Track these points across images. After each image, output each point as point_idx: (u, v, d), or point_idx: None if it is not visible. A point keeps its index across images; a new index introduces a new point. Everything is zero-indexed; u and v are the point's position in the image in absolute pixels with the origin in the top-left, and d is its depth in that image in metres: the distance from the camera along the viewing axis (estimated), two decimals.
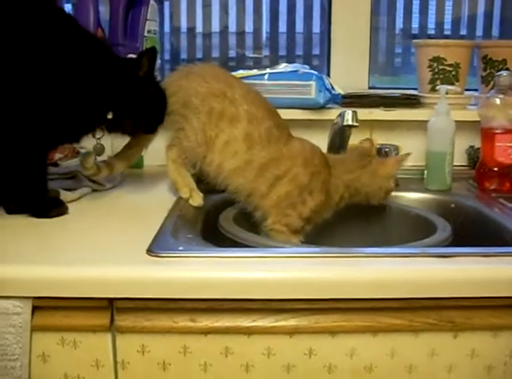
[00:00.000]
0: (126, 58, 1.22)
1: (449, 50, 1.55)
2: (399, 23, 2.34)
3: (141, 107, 1.15)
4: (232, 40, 2.23)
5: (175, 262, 0.90)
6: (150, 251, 0.92)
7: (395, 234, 1.24)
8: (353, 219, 1.30)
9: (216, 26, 2.20)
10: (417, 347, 0.91)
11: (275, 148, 1.18)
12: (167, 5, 2.18)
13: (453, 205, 1.31)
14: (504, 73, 1.34)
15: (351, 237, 1.30)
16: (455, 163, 1.43)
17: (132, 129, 1.19)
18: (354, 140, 1.43)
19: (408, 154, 1.27)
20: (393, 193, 1.34)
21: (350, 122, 1.24)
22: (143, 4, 1.48)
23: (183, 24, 2.17)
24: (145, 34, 1.49)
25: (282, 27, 2.28)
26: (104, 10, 1.44)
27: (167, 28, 2.21)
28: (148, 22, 1.49)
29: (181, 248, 0.94)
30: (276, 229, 1.17)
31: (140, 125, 1.18)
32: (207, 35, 2.15)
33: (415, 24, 2.38)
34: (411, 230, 1.21)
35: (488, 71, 1.57)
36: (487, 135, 1.35)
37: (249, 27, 2.20)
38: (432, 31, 2.44)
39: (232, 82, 1.24)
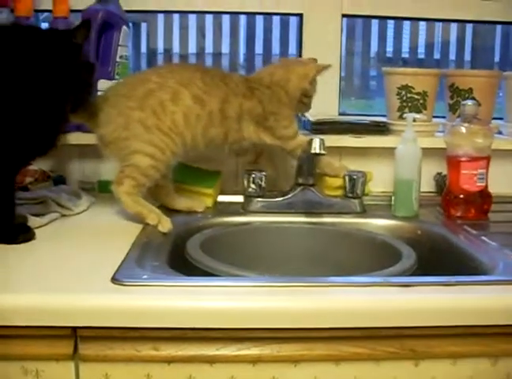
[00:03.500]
0: (62, 31, 1.17)
1: (417, 79, 1.58)
2: (374, 47, 2.38)
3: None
4: (209, 61, 2.26)
5: (138, 291, 0.90)
6: (114, 279, 0.92)
7: (361, 261, 1.25)
8: (319, 245, 1.31)
9: (193, 47, 2.23)
10: (379, 375, 0.92)
11: (218, 90, 1.30)
12: (144, 26, 2.20)
13: (419, 232, 1.33)
14: (469, 102, 1.36)
15: (316, 264, 1.31)
16: (423, 190, 1.45)
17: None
18: None
19: (329, 65, 1.39)
20: (361, 220, 1.37)
21: (317, 151, 1.26)
22: (115, 29, 1.49)
23: (160, 45, 2.19)
24: (117, 59, 1.49)
25: (258, 48, 2.31)
26: None
27: (144, 49, 2.22)
28: (119, 47, 1.50)
29: (145, 276, 0.94)
30: None
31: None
32: (184, 57, 2.17)
33: (389, 48, 2.43)
34: (377, 257, 1.22)
35: (455, 99, 1.60)
36: (453, 163, 1.38)
37: (225, 48, 2.23)
38: (406, 55, 2.49)
39: (144, 76, 1.30)
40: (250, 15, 2.02)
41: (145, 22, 2.33)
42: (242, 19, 2.21)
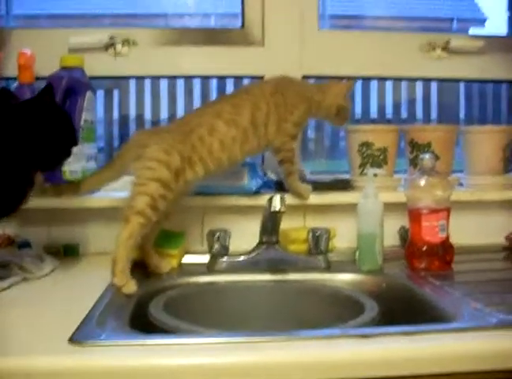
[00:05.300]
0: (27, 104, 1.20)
1: (377, 135, 1.61)
2: None
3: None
4: None
5: (95, 351, 0.89)
6: (72, 340, 0.91)
7: (325, 316, 1.25)
8: (284, 302, 1.31)
9: (164, 113, 2.25)
10: None
11: (246, 104, 1.40)
12: (116, 93, 2.23)
13: (384, 285, 1.33)
14: (426, 155, 1.39)
15: (281, 320, 1.30)
16: (389, 244, 1.46)
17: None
18: (287, 224, 1.46)
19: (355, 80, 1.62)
20: (326, 276, 1.37)
21: (277, 208, 1.26)
22: (80, 94, 1.52)
23: (132, 112, 2.21)
24: (81, 124, 1.52)
25: None
26: None
27: (116, 115, 2.24)
28: (84, 112, 1.52)
29: (103, 336, 0.93)
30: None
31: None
32: (156, 123, 2.19)
33: (358, 110, 2.47)
34: (341, 311, 1.22)
35: (415, 154, 1.63)
36: (414, 215, 1.39)
37: None
38: (375, 116, 2.53)
39: (185, 118, 1.43)
40: (221, 79, 2.06)
41: (117, 89, 2.36)
42: (214, 83, 2.25)
